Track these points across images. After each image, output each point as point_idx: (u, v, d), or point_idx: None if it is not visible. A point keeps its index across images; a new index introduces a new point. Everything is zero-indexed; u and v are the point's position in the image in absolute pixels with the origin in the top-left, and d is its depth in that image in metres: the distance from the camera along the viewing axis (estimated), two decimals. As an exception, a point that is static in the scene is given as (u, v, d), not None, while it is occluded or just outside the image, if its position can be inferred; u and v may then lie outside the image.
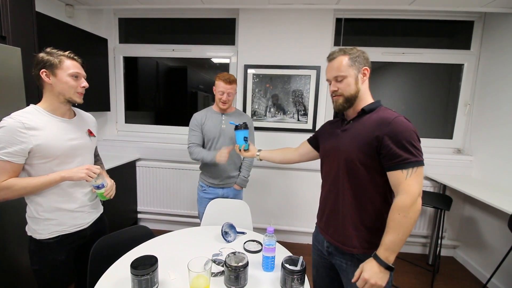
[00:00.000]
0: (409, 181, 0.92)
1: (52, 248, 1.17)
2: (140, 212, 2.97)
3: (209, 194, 1.95)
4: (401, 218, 0.91)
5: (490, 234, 2.26)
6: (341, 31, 2.55)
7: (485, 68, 2.45)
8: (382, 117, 0.98)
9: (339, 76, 1.04)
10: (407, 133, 0.92)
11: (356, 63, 1.03)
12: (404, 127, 0.93)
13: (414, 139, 0.93)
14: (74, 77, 1.14)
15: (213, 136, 1.89)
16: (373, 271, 0.93)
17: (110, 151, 2.85)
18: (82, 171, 1.13)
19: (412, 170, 0.92)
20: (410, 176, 0.91)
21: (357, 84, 1.04)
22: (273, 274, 1.13)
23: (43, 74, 1.09)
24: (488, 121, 2.37)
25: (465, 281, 2.29)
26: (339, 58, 1.04)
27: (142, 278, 0.94)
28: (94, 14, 2.74)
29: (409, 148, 0.92)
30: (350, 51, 1.04)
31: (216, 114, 1.92)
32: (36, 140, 1.05)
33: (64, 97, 1.14)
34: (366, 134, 0.99)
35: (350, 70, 1.03)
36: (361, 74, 1.05)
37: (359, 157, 1.00)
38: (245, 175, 1.99)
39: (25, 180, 1.06)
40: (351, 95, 1.04)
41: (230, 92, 1.82)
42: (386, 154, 0.94)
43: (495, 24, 2.35)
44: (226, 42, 2.78)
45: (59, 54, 1.12)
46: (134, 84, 3.11)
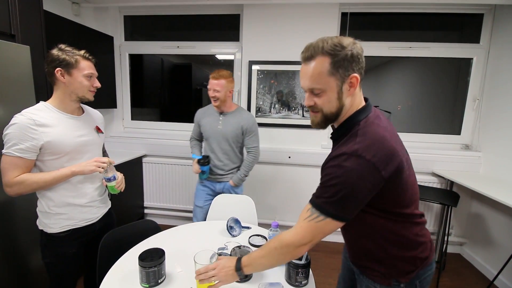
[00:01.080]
0: (304, 224, 0.78)
1: (63, 241, 1.20)
2: (146, 207, 3.01)
3: (206, 187, 1.99)
4: (275, 249, 0.83)
5: (498, 231, 2.23)
6: (347, 25, 2.52)
7: (494, 62, 2.40)
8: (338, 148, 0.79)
9: (315, 89, 0.78)
10: (332, 180, 0.74)
11: (340, 69, 0.74)
12: (333, 173, 0.74)
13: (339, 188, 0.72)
14: (88, 77, 1.17)
15: (208, 135, 1.92)
16: (226, 265, 0.89)
17: (117, 147, 2.89)
18: (92, 163, 1.16)
19: (316, 216, 0.75)
20: (310, 220, 0.77)
21: (340, 100, 0.78)
22: (278, 268, 1.14)
23: (58, 72, 1.11)
24: (498, 117, 2.32)
25: (471, 278, 2.27)
26: (316, 61, 0.76)
27: (150, 270, 0.97)
28: (100, 12, 2.76)
29: (326, 193, 0.75)
30: (333, 48, 0.74)
31: (215, 113, 1.91)
32: (46, 136, 1.08)
33: (77, 95, 1.16)
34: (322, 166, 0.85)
35: (331, 81, 0.75)
36: (347, 84, 0.77)
37: None
38: (241, 174, 1.93)
39: (37, 175, 1.09)
40: (331, 113, 0.80)
41: (217, 89, 1.77)
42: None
43: (506, 16, 2.30)
44: (230, 39, 2.78)
45: (75, 53, 1.14)
46: (140, 81, 3.14)
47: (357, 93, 0.81)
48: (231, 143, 1.89)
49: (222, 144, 1.88)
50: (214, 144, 1.90)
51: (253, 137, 1.93)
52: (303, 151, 2.64)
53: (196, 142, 2.08)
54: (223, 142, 1.88)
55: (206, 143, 1.98)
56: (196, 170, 1.89)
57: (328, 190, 0.74)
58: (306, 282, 1.04)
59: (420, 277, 0.87)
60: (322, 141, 2.64)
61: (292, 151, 2.65)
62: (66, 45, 1.16)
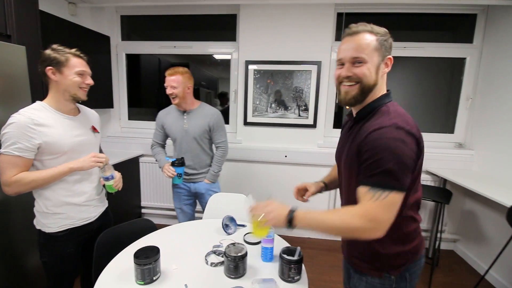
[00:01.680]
0: (372, 205, 0.74)
1: (61, 241, 1.22)
2: (143, 207, 3.03)
3: (180, 189, 1.95)
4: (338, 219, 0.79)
5: (490, 227, 2.27)
6: (342, 25, 2.54)
7: (487, 62, 2.43)
8: (370, 126, 0.80)
9: (359, 58, 0.81)
10: (379, 150, 0.74)
11: (382, 48, 0.82)
12: (379, 143, 0.75)
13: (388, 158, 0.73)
14: (79, 75, 1.17)
15: (175, 137, 1.86)
16: (279, 208, 0.86)
17: (113, 147, 2.90)
18: (90, 159, 1.18)
19: (381, 195, 0.73)
20: (377, 200, 0.74)
21: (377, 75, 0.83)
22: (271, 264, 1.16)
23: (49, 71, 1.13)
24: (490, 116, 2.36)
25: (464, 274, 2.31)
26: (363, 35, 0.81)
27: (145, 267, 0.98)
28: (97, 12, 2.76)
29: (378, 169, 0.74)
30: (378, 30, 0.82)
31: (177, 113, 1.86)
32: (44, 136, 1.09)
33: (69, 93, 1.17)
34: (356, 145, 0.83)
35: (374, 54, 0.81)
36: (383, 63, 0.84)
37: (351, 174, 0.88)
38: (214, 170, 1.93)
39: (35, 173, 1.11)
40: (369, 85, 0.83)
41: (174, 86, 1.73)
42: (361, 168, 0.80)
43: (499, 17, 2.33)
44: (227, 38, 2.79)
45: (66, 51, 1.15)
46: (137, 81, 3.15)
47: (384, 79, 0.88)
48: (199, 141, 1.86)
49: (191, 143, 1.85)
50: (183, 145, 1.85)
51: (220, 132, 1.92)
52: (299, 150, 2.66)
53: (160, 148, 1.99)
54: (191, 141, 1.85)
55: (174, 145, 1.92)
56: (172, 173, 1.81)
57: (379, 164, 0.74)
58: (299, 278, 1.06)
59: (410, 270, 0.90)
60: (318, 140, 2.66)
61: (289, 150, 2.67)
62: (59, 45, 1.16)
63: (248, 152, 2.72)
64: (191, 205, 2.03)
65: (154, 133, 1.97)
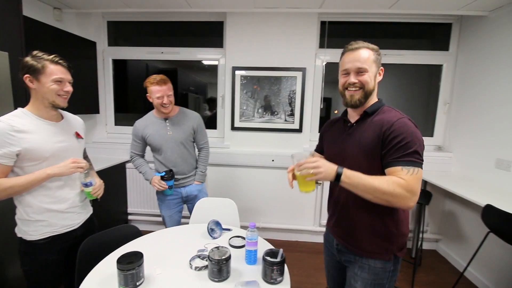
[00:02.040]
0: (408, 178, 0.89)
1: (43, 248, 1.20)
2: (130, 213, 2.99)
3: (172, 196, 1.92)
4: (386, 181, 0.89)
5: (468, 227, 2.37)
6: (325, 33, 2.63)
7: (462, 69, 2.56)
8: (385, 119, 0.97)
9: (362, 68, 1.00)
10: (409, 136, 0.90)
11: (377, 60, 1.02)
12: (408, 129, 0.92)
13: (415, 142, 0.90)
14: (57, 82, 1.15)
15: (159, 145, 1.82)
16: (327, 163, 0.95)
17: (100, 153, 2.86)
18: (70, 165, 1.17)
19: (413, 171, 0.89)
20: (411, 174, 0.89)
21: (374, 82, 1.03)
22: (255, 267, 1.19)
23: (26, 79, 1.12)
24: (466, 119, 2.48)
25: (446, 272, 2.39)
26: (364, 51, 1.00)
27: (128, 272, 0.99)
28: (83, 18, 2.75)
29: (410, 151, 0.90)
30: (372, 46, 1.02)
31: (158, 121, 1.84)
32: (24, 142, 1.09)
33: (48, 101, 1.15)
34: (371, 138, 0.97)
35: (373, 65, 1.00)
36: (377, 73, 1.04)
37: (365, 164, 0.98)
38: (202, 170, 1.99)
39: (12, 179, 1.09)
40: (369, 90, 1.02)
41: (170, 94, 1.75)
42: (387, 153, 0.93)
43: (471, 26, 2.46)
44: (214, 45, 2.83)
45: (43, 58, 1.12)
46: (124, 86, 3.13)
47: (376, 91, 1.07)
48: (185, 145, 1.88)
49: (177, 149, 1.85)
50: (168, 152, 1.83)
51: (202, 133, 1.98)
52: (286, 154, 2.70)
53: (142, 159, 1.94)
54: (178, 147, 1.85)
55: (157, 154, 1.87)
56: (163, 187, 1.79)
57: (409, 146, 0.90)
58: (281, 279, 1.09)
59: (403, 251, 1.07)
60: (304, 144, 2.72)
61: (276, 154, 2.72)
62: (39, 51, 1.14)
63: (235, 156, 2.75)
64: (180, 211, 2.03)
65: (133, 144, 1.89)
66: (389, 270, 1.04)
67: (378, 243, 1.03)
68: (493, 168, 2.17)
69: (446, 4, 2.22)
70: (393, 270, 1.05)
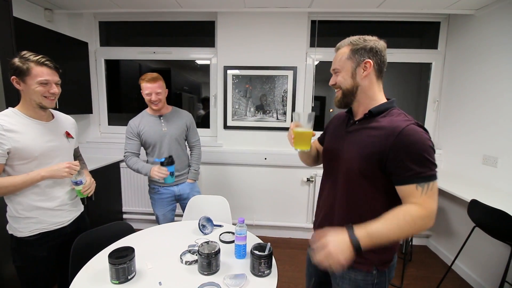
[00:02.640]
0: (425, 198, 0.81)
1: (33, 245, 1.22)
2: (125, 212, 3.00)
3: (164, 195, 1.94)
4: (403, 220, 0.80)
5: (457, 222, 2.42)
6: (316, 32, 2.66)
7: (450, 67, 2.62)
8: (391, 125, 0.86)
9: (335, 69, 0.97)
10: (419, 145, 0.81)
11: (356, 55, 0.91)
12: (417, 138, 0.81)
13: (428, 150, 0.81)
14: (43, 85, 1.14)
15: (154, 141, 1.85)
16: (338, 240, 0.81)
17: (94, 153, 2.87)
18: (64, 169, 1.18)
19: (428, 187, 0.81)
20: (426, 193, 0.81)
21: (354, 78, 0.93)
22: (244, 261, 1.22)
23: (13, 81, 1.13)
24: (454, 116, 2.53)
25: (436, 267, 2.44)
26: (342, 49, 0.95)
27: (120, 266, 1.02)
28: (74, 18, 2.76)
29: (422, 161, 0.81)
30: (356, 41, 0.93)
31: (153, 118, 1.88)
32: (14, 141, 1.11)
33: (35, 102, 1.17)
34: (371, 143, 0.88)
35: (346, 63, 0.93)
36: (361, 67, 0.92)
37: (361, 168, 0.90)
38: (195, 168, 2.03)
39: (6, 179, 1.11)
40: (347, 89, 0.94)
41: (159, 92, 1.78)
42: (396, 168, 0.83)
43: (459, 25, 2.52)
44: (206, 44, 2.85)
45: (29, 60, 1.12)
46: (117, 86, 3.14)
47: (377, 84, 0.95)
48: (179, 141, 1.94)
49: (171, 146, 1.88)
50: (163, 148, 1.86)
51: (194, 131, 2.05)
52: (279, 153, 2.74)
53: (136, 158, 1.90)
54: (172, 143, 1.89)
55: (151, 151, 1.89)
56: (165, 173, 1.72)
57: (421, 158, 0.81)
58: (269, 272, 1.12)
59: (390, 267, 0.98)
60: (296, 142, 2.75)
61: (268, 152, 2.75)
62: (27, 51, 1.14)
63: (228, 155, 2.77)
64: (173, 210, 2.05)
65: (127, 144, 1.88)
66: (371, 283, 0.95)
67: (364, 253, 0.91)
68: (480, 164, 2.22)
69: (433, 2, 2.27)
70: (377, 283, 0.95)
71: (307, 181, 2.76)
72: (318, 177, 2.72)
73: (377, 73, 0.93)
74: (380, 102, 0.94)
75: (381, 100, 0.95)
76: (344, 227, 0.84)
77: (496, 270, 1.96)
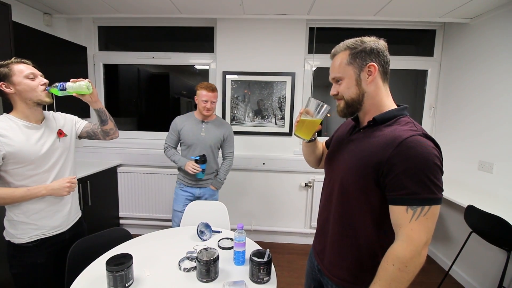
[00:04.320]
0: (414, 225, 0.70)
1: (31, 251, 1.21)
2: (122, 217, 2.98)
3: (186, 192, 2.05)
4: (395, 271, 0.71)
5: (454, 227, 2.44)
6: (314, 39, 2.69)
7: (446, 74, 2.65)
8: (393, 134, 0.76)
9: (337, 78, 0.87)
10: (421, 160, 0.69)
11: (357, 59, 0.82)
12: (419, 152, 0.70)
13: (430, 168, 0.69)
14: (30, 78, 1.16)
15: (191, 142, 1.99)
16: None
17: (91, 157, 2.85)
18: (65, 189, 1.21)
19: (422, 211, 0.69)
20: (417, 218, 0.70)
21: (360, 86, 0.83)
22: (243, 267, 1.21)
23: (2, 86, 1.14)
24: (450, 123, 2.56)
25: (434, 273, 2.44)
26: (339, 55, 0.86)
27: (117, 274, 1.01)
28: (73, 23, 2.76)
29: (421, 179, 0.69)
30: (354, 44, 0.83)
31: (196, 121, 2.02)
32: (8, 146, 1.10)
33: (32, 100, 1.17)
34: (370, 153, 0.79)
35: (348, 69, 0.84)
36: (365, 72, 0.82)
37: (356, 180, 0.82)
38: (221, 178, 2.12)
39: (6, 190, 1.11)
40: (352, 99, 0.85)
41: (214, 101, 1.94)
42: (390, 183, 0.73)
43: (454, 33, 2.56)
44: (205, 50, 2.87)
45: (8, 62, 1.15)
46: (115, 90, 3.14)
47: (384, 88, 0.85)
48: (213, 148, 2.03)
49: (205, 151, 1.98)
50: (196, 151, 1.98)
51: (230, 143, 2.13)
52: (277, 158, 2.75)
53: (174, 150, 2.09)
54: (206, 148, 1.99)
55: (186, 149, 2.02)
56: (198, 169, 1.90)
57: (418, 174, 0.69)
58: (268, 279, 1.12)
59: None
60: (294, 147, 2.77)
61: (266, 157, 2.75)
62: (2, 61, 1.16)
63: (227, 160, 2.77)
64: None
65: (168, 137, 2.06)
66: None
67: (353, 271, 0.87)
68: (476, 170, 2.24)
69: (429, 11, 2.31)
70: None
71: (305, 186, 2.77)
72: (316, 182, 2.72)
73: (382, 76, 0.84)
74: (387, 109, 0.84)
75: (389, 106, 0.85)
76: None
77: (493, 275, 1.97)
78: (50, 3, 2.38)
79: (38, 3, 2.37)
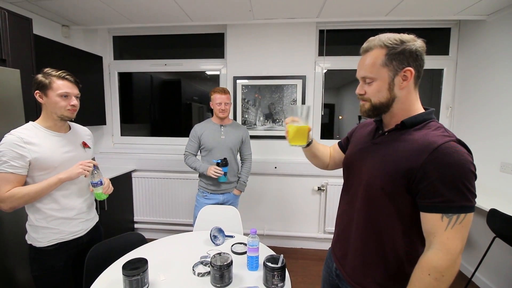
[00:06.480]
0: (449, 234, 0.68)
1: (51, 255, 1.25)
2: (137, 222, 3.03)
3: (210, 200, 2.06)
4: (432, 281, 0.70)
5: (476, 232, 2.33)
6: (324, 41, 2.68)
7: (463, 72, 2.57)
8: (426, 139, 0.73)
9: (367, 78, 0.81)
10: (457, 167, 0.68)
11: (394, 61, 0.76)
12: (456, 159, 0.68)
13: (467, 176, 0.68)
14: (63, 97, 1.21)
15: (211, 146, 2.02)
16: None
17: (106, 163, 2.93)
18: (77, 167, 1.23)
19: (457, 219, 0.68)
20: (453, 227, 0.68)
21: (391, 90, 0.78)
22: (257, 273, 1.21)
23: (36, 95, 1.21)
24: (469, 123, 2.47)
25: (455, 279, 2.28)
26: (373, 52, 0.79)
27: (133, 278, 1.02)
28: (89, 34, 2.87)
29: (458, 187, 0.67)
30: (392, 44, 0.76)
31: (215, 126, 2.07)
32: (34, 153, 1.15)
33: (57, 114, 1.23)
34: (401, 158, 0.76)
35: (382, 71, 0.77)
36: (400, 77, 0.77)
37: (384, 185, 0.78)
38: (244, 180, 2.15)
39: (27, 187, 1.16)
40: (380, 103, 0.80)
41: (227, 102, 2.00)
42: (424, 190, 0.71)
43: (470, 30, 2.48)
44: (216, 55, 2.91)
45: (51, 74, 1.20)
46: (129, 97, 3.23)
47: (414, 92, 0.81)
48: (234, 150, 2.07)
49: (226, 153, 2.02)
50: (218, 154, 2.01)
51: (248, 145, 2.19)
52: (289, 161, 2.73)
53: (194, 157, 2.09)
54: (227, 151, 2.03)
55: (207, 155, 2.03)
56: (220, 173, 1.92)
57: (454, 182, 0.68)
58: (283, 285, 1.11)
59: None
60: (306, 151, 2.74)
61: (278, 161, 2.74)
62: (49, 68, 1.22)
63: (239, 164, 2.78)
64: None
65: (189, 145, 2.08)
66: None
67: (377, 279, 0.84)
68: (498, 171, 2.15)
69: (443, 9, 2.25)
70: None
71: (318, 190, 2.73)
72: (329, 186, 2.68)
73: (415, 81, 0.79)
74: (416, 113, 0.80)
75: (418, 110, 0.81)
76: None
77: (520, 283, 1.87)
78: (68, 16, 2.48)
79: (57, 16, 2.48)
